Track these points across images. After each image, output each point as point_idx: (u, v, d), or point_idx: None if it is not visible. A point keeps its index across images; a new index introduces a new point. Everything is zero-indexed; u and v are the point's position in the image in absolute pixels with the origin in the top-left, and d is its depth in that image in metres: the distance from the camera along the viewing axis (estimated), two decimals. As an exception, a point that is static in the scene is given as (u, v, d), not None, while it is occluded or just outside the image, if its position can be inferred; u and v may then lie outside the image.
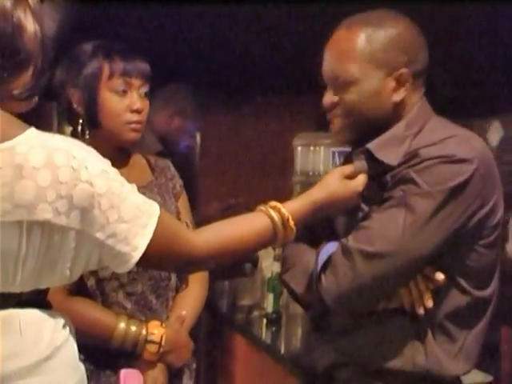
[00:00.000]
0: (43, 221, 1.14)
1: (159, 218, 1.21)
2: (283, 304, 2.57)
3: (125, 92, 1.68)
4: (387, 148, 1.47)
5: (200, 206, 2.89)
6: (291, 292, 1.56)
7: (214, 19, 3.19)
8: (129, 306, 1.66)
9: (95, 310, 1.58)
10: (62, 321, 1.23)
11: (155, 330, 1.62)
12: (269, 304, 2.62)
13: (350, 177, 1.47)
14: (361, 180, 1.46)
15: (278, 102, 3.56)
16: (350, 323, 1.49)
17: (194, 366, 1.87)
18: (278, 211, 1.35)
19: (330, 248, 1.45)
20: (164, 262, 1.29)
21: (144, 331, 1.63)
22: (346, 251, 1.40)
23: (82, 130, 1.38)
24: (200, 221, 1.62)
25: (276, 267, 2.61)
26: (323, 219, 1.55)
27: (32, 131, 1.17)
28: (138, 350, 1.64)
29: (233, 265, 1.42)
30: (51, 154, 1.16)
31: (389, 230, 1.39)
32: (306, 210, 1.41)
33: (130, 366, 1.64)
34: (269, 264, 2.67)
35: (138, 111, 1.68)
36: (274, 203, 1.37)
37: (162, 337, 1.63)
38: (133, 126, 1.68)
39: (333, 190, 1.44)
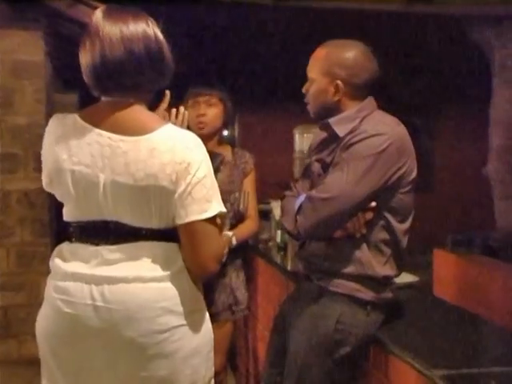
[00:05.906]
0: (162, 186, 1.29)
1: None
2: (288, 237, 2.80)
3: (194, 107, 2.34)
4: (341, 123, 1.65)
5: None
6: (284, 229, 1.76)
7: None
8: None
9: None
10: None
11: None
12: (278, 237, 3.05)
13: None
14: None
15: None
16: (317, 246, 1.69)
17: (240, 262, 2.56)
18: None
19: (301, 198, 1.65)
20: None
21: None
22: (310, 198, 1.59)
23: None
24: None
25: (281, 213, 2.97)
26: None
27: (167, 127, 1.31)
28: None
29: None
30: (174, 142, 1.29)
31: (337, 182, 1.56)
32: None
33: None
34: (278, 212, 2.73)
35: (201, 115, 2.33)
36: None
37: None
38: (199, 125, 2.34)
39: None
